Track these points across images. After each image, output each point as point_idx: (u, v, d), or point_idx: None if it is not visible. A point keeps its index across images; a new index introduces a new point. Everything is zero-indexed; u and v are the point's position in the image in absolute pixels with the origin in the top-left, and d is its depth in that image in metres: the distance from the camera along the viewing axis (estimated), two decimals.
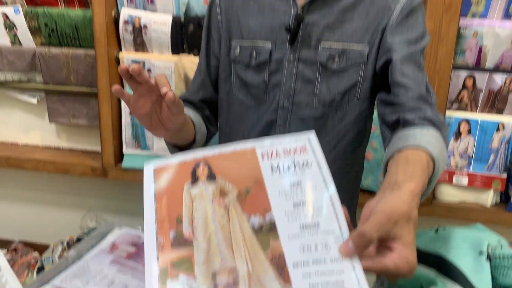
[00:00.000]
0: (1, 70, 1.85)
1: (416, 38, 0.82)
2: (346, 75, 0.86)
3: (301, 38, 0.86)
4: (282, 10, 0.88)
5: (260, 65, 0.90)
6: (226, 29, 0.95)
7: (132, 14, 1.66)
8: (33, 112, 1.98)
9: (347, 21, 0.85)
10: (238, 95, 0.95)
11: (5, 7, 1.77)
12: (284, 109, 0.90)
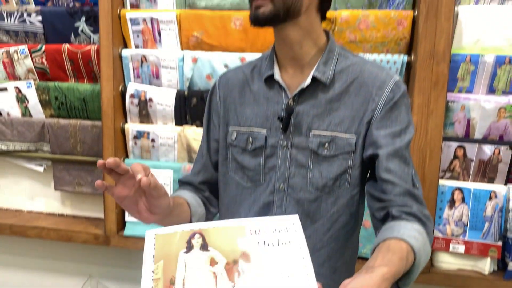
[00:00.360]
0: (11, 140, 1.93)
1: (400, 131, 0.88)
2: (336, 161, 0.92)
3: (293, 126, 0.93)
4: (275, 100, 0.95)
5: (256, 150, 0.97)
6: (224, 116, 1.03)
7: (139, 89, 1.76)
8: (39, 180, 2.04)
9: (334, 110, 0.92)
10: (234, 177, 1.01)
11: (18, 82, 1.88)
12: (280, 191, 0.95)
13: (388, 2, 1.57)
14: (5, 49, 1.86)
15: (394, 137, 0.88)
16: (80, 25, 1.80)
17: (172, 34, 1.73)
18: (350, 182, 0.93)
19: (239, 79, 1.03)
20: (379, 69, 0.94)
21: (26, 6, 1.84)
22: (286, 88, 0.94)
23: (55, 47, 1.82)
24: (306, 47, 0.92)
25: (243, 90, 1.01)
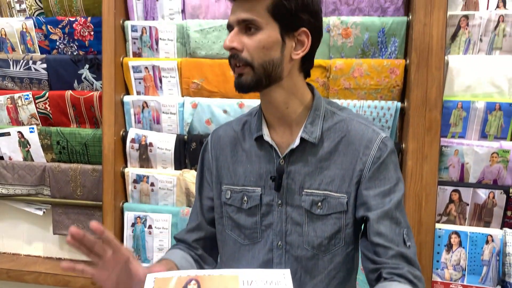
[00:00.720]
0: (11, 184, 1.95)
1: (390, 190, 0.89)
2: (330, 220, 0.93)
3: (286, 185, 0.94)
4: (267, 159, 0.97)
5: (251, 208, 0.97)
6: (217, 174, 1.03)
7: (139, 133, 1.80)
8: (38, 223, 2.04)
9: (325, 169, 0.93)
10: (231, 235, 1.01)
11: (21, 127, 1.92)
12: (279, 248, 0.96)
13: (380, 51, 1.64)
14: (10, 95, 1.91)
15: (384, 197, 0.89)
16: (84, 72, 1.86)
17: (173, 81, 1.78)
18: (345, 241, 0.94)
19: (230, 137, 1.04)
20: (366, 126, 0.94)
21: (32, 54, 1.90)
22: (276, 147, 0.96)
23: (58, 93, 1.87)
24: (293, 106, 0.94)
25: (235, 148, 1.02)
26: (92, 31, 1.83)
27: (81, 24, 1.83)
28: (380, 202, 0.88)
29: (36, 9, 1.90)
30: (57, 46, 1.88)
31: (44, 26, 1.87)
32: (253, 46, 0.86)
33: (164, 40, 1.77)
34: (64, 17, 1.86)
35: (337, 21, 1.63)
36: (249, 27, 0.86)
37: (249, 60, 0.86)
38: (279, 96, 0.92)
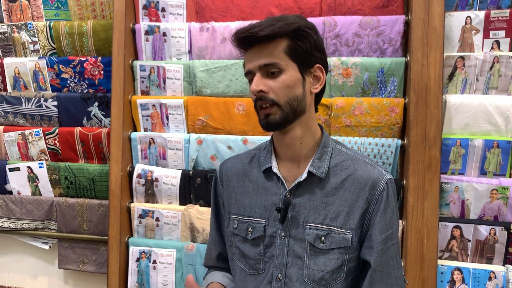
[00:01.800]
0: (19, 219, 1.98)
1: (392, 234, 0.96)
2: (332, 255, 0.96)
3: (290, 218, 0.98)
4: (273, 191, 1.01)
5: (255, 239, 1.01)
6: (226, 204, 1.09)
7: (146, 169, 1.84)
8: (44, 258, 2.06)
9: (330, 204, 0.97)
10: (239, 264, 1.05)
11: (31, 162, 1.97)
12: (278, 281, 0.98)
13: (380, 90, 1.69)
14: (21, 132, 1.97)
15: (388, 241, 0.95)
16: (93, 110, 1.92)
17: (180, 118, 1.84)
18: (346, 275, 0.96)
19: (237, 169, 1.09)
20: (372, 166, 0.99)
21: (43, 92, 1.97)
22: (284, 180, 1.00)
23: (68, 130, 1.93)
24: (306, 141, 1.00)
25: (243, 179, 1.07)
26: (102, 70, 1.90)
27: (92, 64, 1.91)
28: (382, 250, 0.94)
29: (49, 50, 1.99)
30: (68, 84, 1.95)
31: (56, 66, 1.94)
32: (278, 87, 0.93)
33: (172, 79, 1.84)
34: (75, 57, 1.94)
35: (337, 62, 1.69)
36: (272, 71, 0.93)
37: (276, 100, 0.93)
38: (298, 131, 0.98)
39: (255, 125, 1.78)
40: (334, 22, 1.70)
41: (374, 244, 0.94)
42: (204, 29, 1.81)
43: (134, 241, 1.85)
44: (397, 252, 0.96)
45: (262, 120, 0.95)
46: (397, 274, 0.95)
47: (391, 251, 0.95)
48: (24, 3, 2.00)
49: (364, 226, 0.96)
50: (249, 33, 0.91)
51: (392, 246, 0.94)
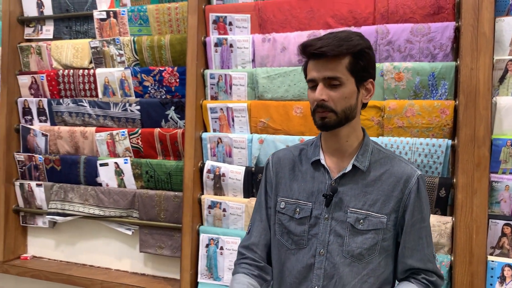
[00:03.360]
0: (107, 207, 2.30)
1: (424, 219, 1.16)
2: (369, 235, 1.14)
3: (334, 203, 1.17)
4: (320, 180, 1.20)
5: (302, 219, 1.20)
6: (275, 188, 1.27)
7: (214, 165, 2.07)
8: (127, 242, 2.36)
9: (369, 193, 1.16)
10: (280, 240, 1.23)
11: (117, 158, 2.28)
12: (320, 255, 1.17)
13: (431, 93, 1.79)
14: (109, 132, 2.29)
15: (417, 224, 1.15)
16: (170, 113, 2.19)
17: (243, 120, 2.05)
18: (379, 252, 1.15)
19: (289, 159, 1.28)
20: (406, 164, 1.19)
21: (128, 98, 2.28)
22: (329, 171, 1.19)
23: (148, 131, 2.21)
24: (351, 140, 1.19)
25: (293, 168, 1.26)
26: (178, 78, 2.17)
27: (169, 73, 2.18)
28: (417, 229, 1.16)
29: (133, 61, 2.29)
30: (149, 91, 2.24)
31: (139, 75, 2.24)
32: (338, 97, 1.12)
33: (237, 86, 2.06)
34: (155, 67, 2.22)
35: (390, 67, 1.81)
36: (334, 84, 1.11)
37: (334, 108, 1.12)
38: (346, 132, 1.17)
39: (312, 126, 1.93)
40: (387, 30, 1.82)
41: (407, 226, 1.13)
42: (266, 40, 2.01)
43: (204, 229, 2.08)
44: (427, 234, 1.14)
45: (318, 122, 1.15)
46: (427, 251, 1.16)
47: (421, 231, 1.15)
48: (113, 21, 2.32)
49: (399, 212, 1.14)
50: (320, 51, 1.09)
51: (422, 228, 1.13)
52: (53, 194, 2.41)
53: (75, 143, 2.39)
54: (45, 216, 2.46)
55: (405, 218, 1.15)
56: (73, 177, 2.38)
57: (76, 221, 2.43)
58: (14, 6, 2.52)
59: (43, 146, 2.47)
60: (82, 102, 2.35)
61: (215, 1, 2.13)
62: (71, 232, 2.49)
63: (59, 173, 2.41)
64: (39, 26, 2.54)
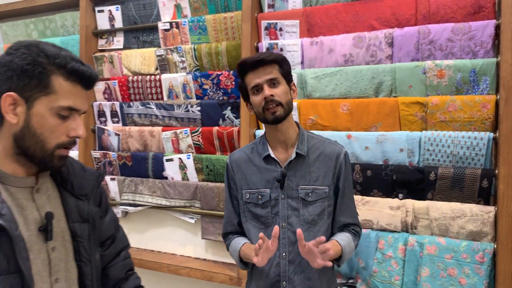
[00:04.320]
0: (173, 198, 2.56)
1: (350, 184, 1.56)
2: (317, 204, 1.50)
3: (287, 185, 1.49)
4: (272, 169, 1.52)
5: (264, 203, 1.51)
6: (238, 183, 1.57)
7: None
8: (190, 230, 2.61)
9: (312, 172, 1.50)
10: (251, 223, 1.55)
11: (181, 154, 2.54)
12: (283, 228, 1.49)
13: (473, 88, 1.87)
14: (174, 131, 2.55)
15: (347, 188, 1.54)
16: (227, 113, 2.41)
17: (294, 118, 2.22)
18: (327, 216, 1.52)
19: (243, 158, 1.59)
20: (334, 144, 1.56)
21: (190, 100, 2.52)
22: (279, 161, 1.51)
23: (208, 129, 2.45)
24: (291, 132, 1.53)
25: (248, 164, 1.56)
26: (233, 81, 2.38)
27: (225, 76, 2.40)
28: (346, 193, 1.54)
29: (194, 67, 2.53)
30: (208, 93, 2.48)
31: (199, 79, 2.48)
32: (281, 92, 1.46)
33: None
34: (213, 71, 2.45)
35: (432, 65, 1.91)
36: (274, 83, 1.46)
37: (280, 101, 1.45)
38: (286, 125, 1.50)
39: (358, 122, 2.08)
40: (428, 30, 1.92)
41: (340, 191, 1.52)
42: (314, 43, 2.17)
43: None
44: (352, 196, 1.58)
45: (270, 117, 1.45)
46: (353, 209, 1.58)
47: (350, 195, 1.56)
48: (175, 31, 2.58)
49: (334, 181, 1.52)
50: (259, 59, 1.45)
51: (350, 192, 1.55)
52: (125, 187, 2.72)
53: (144, 141, 2.67)
54: (118, 207, 2.77)
55: (339, 185, 1.51)
56: (142, 171, 2.67)
57: (145, 211, 2.72)
58: (89, 21, 2.85)
59: (116, 144, 2.78)
60: (149, 104, 2.63)
61: (266, 9, 2.32)
62: (141, 221, 2.78)
63: (130, 168, 2.71)
64: (111, 37, 2.85)
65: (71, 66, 0.99)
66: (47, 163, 1.03)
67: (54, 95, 0.99)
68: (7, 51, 0.99)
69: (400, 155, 1.98)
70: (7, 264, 0.95)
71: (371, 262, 2.00)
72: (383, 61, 2.05)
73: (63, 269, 1.09)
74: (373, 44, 2.05)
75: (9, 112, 0.98)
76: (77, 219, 1.13)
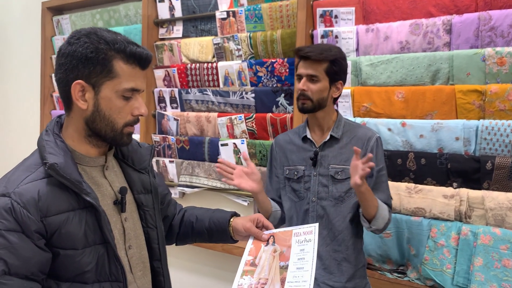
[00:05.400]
0: None
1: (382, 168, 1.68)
2: (345, 182, 1.66)
3: (319, 163, 1.70)
4: (308, 149, 1.74)
5: (299, 178, 1.74)
6: (280, 161, 1.82)
7: None
8: (243, 212, 2.71)
9: (343, 154, 1.68)
10: (289, 196, 1.77)
11: (235, 140, 2.63)
12: (313, 202, 1.70)
13: None
14: (229, 117, 2.65)
15: (379, 172, 1.67)
16: (280, 100, 2.47)
17: (347, 105, 2.25)
18: (355, 194, 1.62)
19: (286, 139, 1.83)
20: (368, 129, 1.73)
21: (244, 87, 2.61)
22: (314, 142, 1.73)
23: (261, 116, 2.52)
24: (327, 120, 1.73)
25: (289, 144, 1.80)
26: (287, 69, 2.43)
27: (280, 64, 2.46)
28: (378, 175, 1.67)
29: (249, 55, 2.61)
30: (262, 80, 2.55)
31: (254, 66, 2.55)
32: (315, 90, 1.65)
33: None
34: (268, 59, 2.52)
35: (492, 52, 1.87)
36: (313, 79, 1.64)
37: (311, 97, 1.65)
38: (321, 114, 1.71)
39: (413, 110, 2.07)
40: (489, 16, 1.87)
41: (373, 173, 1.64)
42: (370, 30, 2.18)
43: None
44: (385, 179, 1.70)
45: (299, 106, 1.68)
46: (386, 190, 1.70)
47: (382, 178, 1.68)
48: (232, 20, 2.66)
49: None
50: (306, 55, 1.62)
51: (382, 175, 1.68)
52: (182, 169, 2.86)
53: (200, 127, 2.80)
54: (176, 188, 2.93)
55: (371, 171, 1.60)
56: (199, 155, 2.80)
57: (201, 192, 2.85)
58: (151, 10, 2.99)
59: (174, 129, 2.93)
60: (206, 91, 2.75)
61: None
62: (197, 202, 2.92)
63: (188, 151, 2.85)
64: (170, 26, 2.98)
65: (129, 50, 1.06)
66: (117, 141, 1.13)
67: (118, 78, 1.06)
68: (69, 41, 1.06)
69: (455, 144, 1.96)
70: (93, 236, 1.07)
71: (422, 249, 2.00)
72: (441, 48, 2.02)
73: (134, 237, 1.20)
74: (431, 31, 2.02)
75: (79, 99, 1.07)
76: (141, 190, 1.25)
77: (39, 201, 1.01)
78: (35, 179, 1.04)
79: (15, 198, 0.99)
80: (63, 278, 1.05)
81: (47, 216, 1.02)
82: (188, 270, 2.97)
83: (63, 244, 1.04)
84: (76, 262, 1.05)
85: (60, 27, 3.55)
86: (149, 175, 1.28)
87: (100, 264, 1.08)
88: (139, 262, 1.21)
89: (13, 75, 3.91)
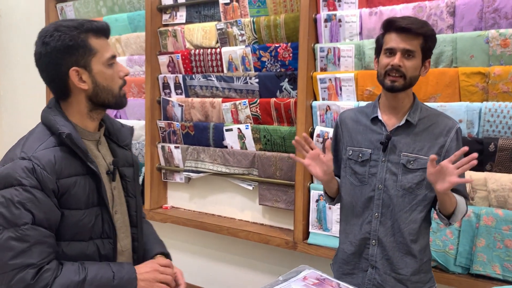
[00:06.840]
0: (232, 166, 2.70)
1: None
2: (417, 173, 1.49)
3: (389, 149, 1.52)
4: (378, 131, 1.56)
5: (364, 161, 1.57)
6: (343, 140, 1.66)
7: (323, 130, 2.33)
8: (248, 196, 2.75)
9: (418, 141, 1.50)
10: (349, 179, 1.61)
11: (240, 125, 2.66)
12: (379, 189, 1.54)
13: None
14: (233, 102, 2.67)
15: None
16: (284, 84, 2.48)
17: (350, 89, 2.26)
18: (425, 186, 1.49)
19: (351, 117, 1.65)
20: (448, 118, 1.53)
21: (248, 72, 2.62)
22: (385, 125, 1.54)
23: (266, 101, 2.54)
24: (405, 102, 1.54)
25: (355, 123, 1.63)
26: (291, 53, 2.44)
27: (283, 49, 2.46)
28: None
29: (252, 39, 2.61)
30: (266, 65, 2.55)
31: (257, 51, 2.56)
32: (410, 66, 1.46)
33: (345, 57, 2.26)
34: (271, 44, 2.52)
35: (495, 34, 1.86)
36: (409, 55, 1.45)
37: (405, 73, 1.46)
38: (403, 95, 1.52)
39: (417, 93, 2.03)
40: None
41: None
42: (373, 13, 2.17)
43: (314, 186, 2.37)
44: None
45: (387, 84, 1.48)
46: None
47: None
48: (235, 5, 2.66)
49: (442, 155, 1.48)
50: (408, 27, 1.43)
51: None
52: (188, 154, 2.89)
53: (205, 112, 2.82)
54: (181, 173, 2.96)
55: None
56: (204, 140, 2.83)
57: (207, 177, 2.89)
58: None
59: (179, 114, 2.95)
60: (210, 77, 2.76)
61: None
62: (202, 186, 2.96)
63: (193, 137, 2.88)
64: (174, 12, 2.98)
65: (95, 26, 1.21)
66: (119, 104, 1.30)
67: (98, 52, 1.21)
68: (43, 41, 1.18)
69: None
70: (93, 198, 1.23)
71: None
72: (444, 31, 2.02)
73: (119, 203, 1.35)
74: (434, 14, 2.01)
75: (80, 82, 1.21)
76: (124, 164, 1.39)
77: (56, 164, 1.16)
78: (48, 146, 1.18)
79: (35, 161, 1.13)
80: (62, 237, 1.19)
81: (60, 178, 1.16)
82: (193, 253, 3.03)
83: (69, 204, 1.18)
84: (80, 220, 1.20)
85: (64, 14, 3.56)
86: (131, 151, 1.44)
87: (96, 223, 1.24)
88: (123, 226, 1.35)
89: (19, 62, 3.94)
